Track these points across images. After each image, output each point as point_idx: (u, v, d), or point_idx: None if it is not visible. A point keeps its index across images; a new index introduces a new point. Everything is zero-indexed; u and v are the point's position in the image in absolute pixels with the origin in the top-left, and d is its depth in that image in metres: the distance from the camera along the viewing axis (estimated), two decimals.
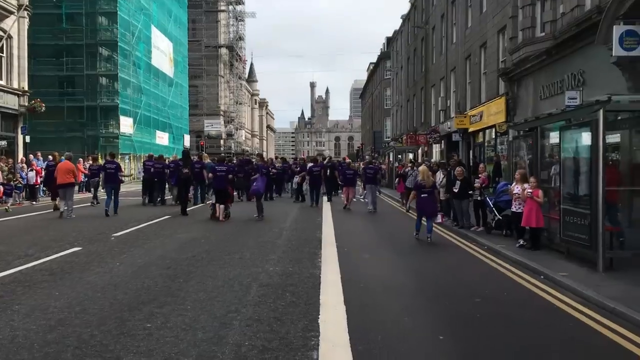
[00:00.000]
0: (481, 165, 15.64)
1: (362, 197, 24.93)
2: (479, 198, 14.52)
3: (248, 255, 9.96)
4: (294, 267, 8.94)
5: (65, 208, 16.24)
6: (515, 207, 11.87)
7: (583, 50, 15.35)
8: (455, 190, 14.82)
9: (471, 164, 25.60)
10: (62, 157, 19.17)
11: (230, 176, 16.76)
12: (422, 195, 13.14)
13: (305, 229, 14.18)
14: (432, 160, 30.37)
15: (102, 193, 20.38)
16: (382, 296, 7.37)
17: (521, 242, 11.61)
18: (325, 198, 23.71)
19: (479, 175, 14.98)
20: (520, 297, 7.70)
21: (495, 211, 13.68)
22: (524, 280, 8.75)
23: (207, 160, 22.33)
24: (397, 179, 25.92)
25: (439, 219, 14.87)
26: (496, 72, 23.30)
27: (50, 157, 21.60)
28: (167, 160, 24.00)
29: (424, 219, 13.20)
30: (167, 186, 22.20)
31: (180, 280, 7.82)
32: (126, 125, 43.83)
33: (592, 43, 14.09)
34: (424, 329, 5.98)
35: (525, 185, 11.69)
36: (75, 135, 41.80)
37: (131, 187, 34.45)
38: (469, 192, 14.65)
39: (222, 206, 15.89)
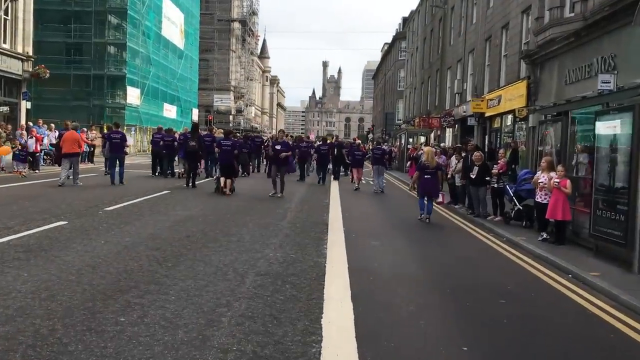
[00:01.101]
0: (501, 151, 14.70)
1: (371, 179, 24.33)
2: (496, 185, 13.61)
3: (247, 238, 9.11)
4: (296, 254, 8.09)
5: (69, 177, 16.20)
6: (540, 197, 10.95)
7: (616, 32, 14.25)
8: (473, 176, 13.92)
9: (486, 149, 24.60)
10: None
11: (235, 151, 16.42)
12: (426, 176, 13.25)
13: (312, 211, 13.34)
14: (442, 144, 29.40)
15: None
16: (394, 291, 6.53)
17: (544, 236, 10.72)
18: (332, 177, 23.95)
19: (498, 161, 14.04)
20: (549, 298, 6.84)
21: (515, 200, 12.78)
22: (550, 279, 7.89)
23: (221, 135, 21.61)
24: (409, 162, 25.09)
25: (440, 198, 14.93)
26: (518, 54, 22.19)
27: (53, 126, 21.48)
28: (176, 134, 23.57)
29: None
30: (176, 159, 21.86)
31: (168, 264, 6.96)
32: (133, 96, 42.89)
33: (627, 25, 13.02)
34: (443, 335, 5.13)
35: (552, 174, 10.78)
36: (81, 104, 40.95)
37: (136, 159, 33.66)
38: (487, 179, 13.75)
39: (228, 180, 15.74)
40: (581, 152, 10.90)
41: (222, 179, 15.93)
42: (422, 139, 37.33)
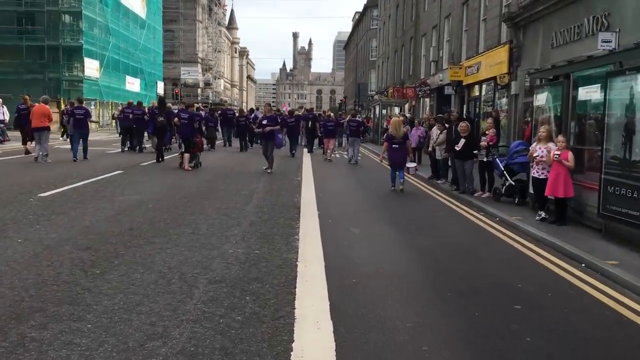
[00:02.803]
0: (489, 121, 13.39)
1: (346, 153, 23.78)
2: (485, 159, 12.39)
3: (204, 229, 7.63)
4: (262, 249, 6.66)
5: (40, 153, 15.80)
6: (537, 172, 9.71)
7: None
8: (458, 149, 12.66)
9: (465, 119, 23.44)
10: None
11: (196, 124, 15.95)
12: (394, 146, 13.31)
13: (282, 191, 11.91)
14: (407, 115, 28.43)
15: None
16: (384, 300, 5.18)
17: (542, 215, 9.53)
18: (305, 150, 23.90)
19: (486, 132, 12.76)
20: (571, 300, 5.59)
21: (506, 175, 11.56)
22: (562, 270, 6.68)
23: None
24: (385, 134, 24.05)
25: (412, 170, 14.62)
26: (498, 18, 20.86)
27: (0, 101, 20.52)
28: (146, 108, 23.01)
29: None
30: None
31: (95, 271, 5.46)
32: (92, 68, 40.38)
33: None
34: None
35: (550, 145, 9.55)
36: (35, 78, 38.37)
37: (97, 135, 31.57)
38: (474, 152, 12.52)
39: (187, 155, 15.20)
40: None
41: (182, 154, 15.34)
42: (397, 110, 36.09)
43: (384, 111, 35.59)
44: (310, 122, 24.88)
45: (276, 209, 9.63)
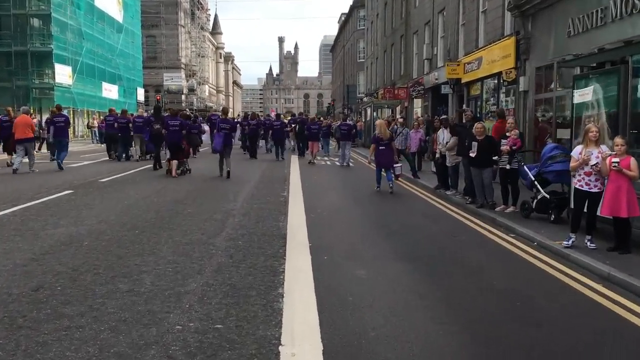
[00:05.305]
0: (510, 120, 11.23)
1: (337, 159, 22.42)
2: (508, 166, 10.28)
3: (147, 283, 5.32)
4: (227, 320, 4.38)
5: (24, 162, 15.94)
6: (587, 183, 7.48)
7: None
8: (473, 155, 10.55)
9: (464, 120, 21.44)
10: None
11: (183, 131, 15.82)
12: (380, 148, 13.34)
13: (264, 212, 9.67)
14: (397, 117, 26.45)
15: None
16: None
17: (592, 241, 7.38)
18: (293, 157, 23.49)
19: (507, 135, 10.62)
20: None
21: (538, 186, 9.44)
22: None
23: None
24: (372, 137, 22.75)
25: (398, 170, 14.25)
26: (501, 7, 18.93)
27: None
28: (131, 116, 22.72)
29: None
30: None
31: None
32: (63, 74, 37.76)
33: None
34: None
35: (603, 148, 7.40)
36: (3, 86, 35.92)
37: (71, 146, 29.06)
38: (493, 158, 10.41)
39: (174, 162, 15.18)
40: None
41: (170, 161, 15.29)
42: (388, 112, 34.21)
43: (374, 114, 33.63)
44: (298, 126, 25.14)
45: (255, 240, 7.37)
